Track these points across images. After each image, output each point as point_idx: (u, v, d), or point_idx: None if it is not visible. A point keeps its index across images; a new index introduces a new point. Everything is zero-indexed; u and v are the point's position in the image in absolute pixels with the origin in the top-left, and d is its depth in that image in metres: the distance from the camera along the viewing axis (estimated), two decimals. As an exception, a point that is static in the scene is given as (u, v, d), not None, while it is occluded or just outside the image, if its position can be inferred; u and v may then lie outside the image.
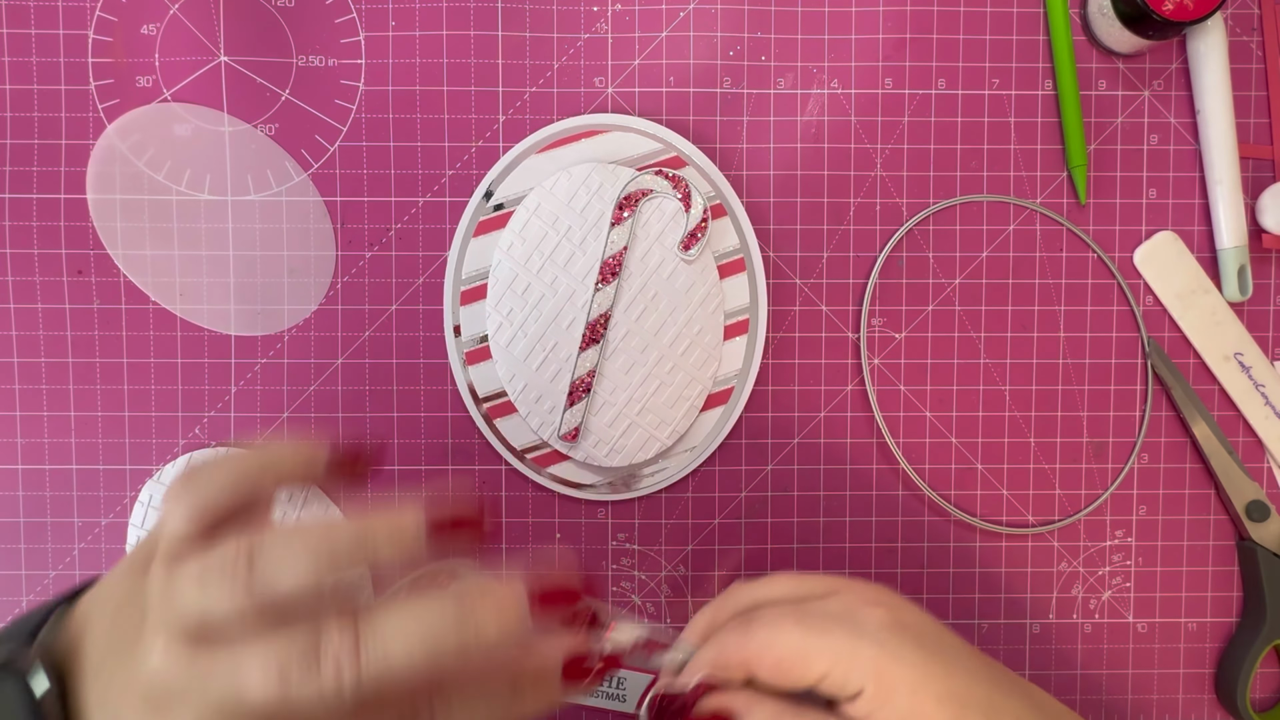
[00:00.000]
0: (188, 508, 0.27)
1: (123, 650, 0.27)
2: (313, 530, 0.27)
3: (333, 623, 0.25)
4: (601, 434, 0.45)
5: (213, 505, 0.27)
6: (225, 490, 0.28)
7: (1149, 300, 0.47)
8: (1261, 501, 0.46)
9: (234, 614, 0.25)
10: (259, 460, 0.29)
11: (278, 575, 0.26)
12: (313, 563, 0.26)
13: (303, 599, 0.26)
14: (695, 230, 0.44)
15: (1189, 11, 0.42)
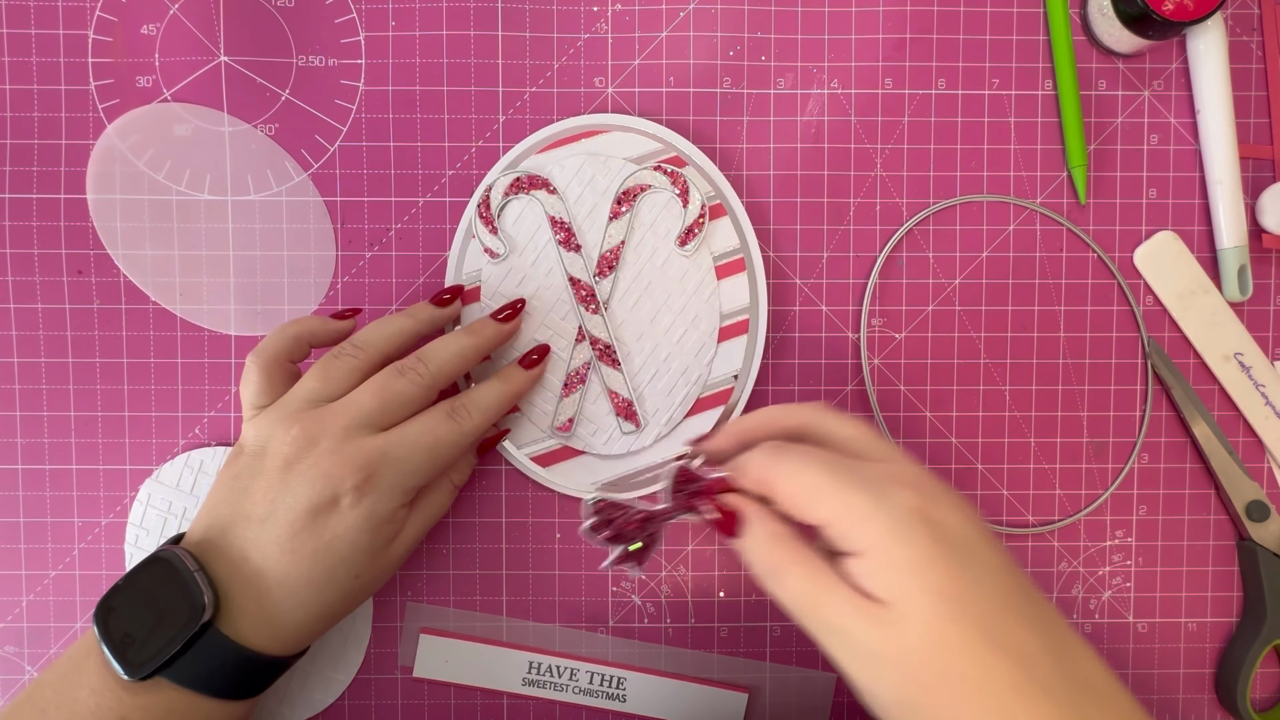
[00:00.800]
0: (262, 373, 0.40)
1: (275, 487, 0.37)
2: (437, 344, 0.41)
3: (456, 399, 0.41)
4: (600, 422, 0.45)
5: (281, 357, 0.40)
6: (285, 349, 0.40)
7: (1149, 300, 0.47)
8: (1261, 501, 0.46)
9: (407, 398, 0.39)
10: (300, 328, 0.41)
11: (443, 368, 0.40)
12: (459, 358, 0.41)
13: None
14: (693, 226, 0.44)
15: (1189, 11, 0.42)
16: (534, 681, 0.46)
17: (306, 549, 0.37)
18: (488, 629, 0.47)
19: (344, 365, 0.39)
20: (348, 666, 0.46)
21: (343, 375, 0.39)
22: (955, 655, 0.29)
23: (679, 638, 0.47)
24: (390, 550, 0.39)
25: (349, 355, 0.39)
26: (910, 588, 0.30)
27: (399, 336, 0.41)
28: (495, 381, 0.42)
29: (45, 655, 0.46)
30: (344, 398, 0.38)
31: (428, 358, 0.40)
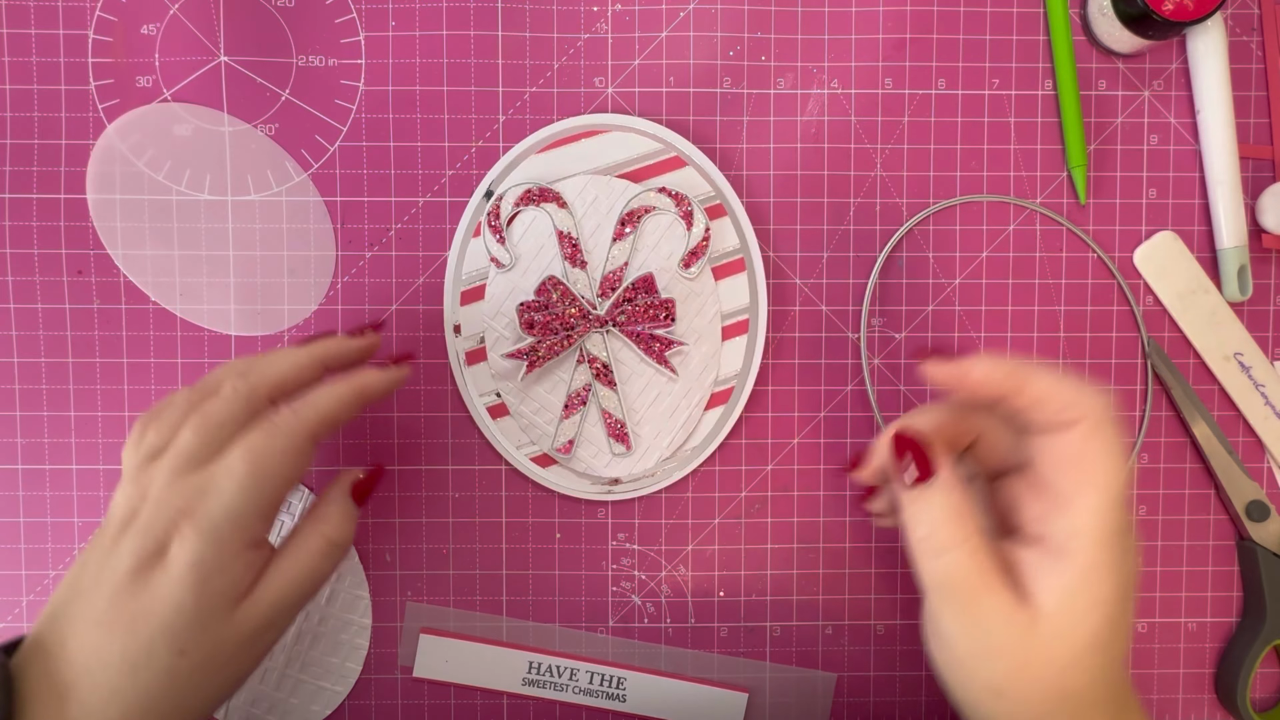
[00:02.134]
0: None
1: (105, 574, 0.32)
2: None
3: (278, 407, 0.35)
4: (600, 444, 0.45)
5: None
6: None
7: (1149, 300, 0.47)
8: (1261, 501, 0.46)
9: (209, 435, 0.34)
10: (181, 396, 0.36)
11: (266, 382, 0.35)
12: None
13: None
14: (696, 248, 0.44)
15: (1189, 11, 0.42)
16: (534, 681, 0.46)
17: (123, 619, 0.31)
18: (488, 629, 0.47)
19: (176, 410, 0.34)
20: (345, 679, 0.46)
21: (176, 420, 0.34)
22: (1079, 686, 0.30)
23: (679, 638, 0.47)
24: (231, 617, 0.33)
25: (182, 397, 0.35)
26: (1082, 609, 0.30)
27: (241, 367, 0.36)
28: (339, 380, 0.36)
29: (45, 655, 0.46)
30: (171, 443, 0.33)
31: (248, 371, 0.35)
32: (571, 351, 0.45)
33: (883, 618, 0.47)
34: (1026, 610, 0.30)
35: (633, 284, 0.44)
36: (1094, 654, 0.30)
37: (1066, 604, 0.30)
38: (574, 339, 0.44)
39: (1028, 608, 0.30)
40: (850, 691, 0.47)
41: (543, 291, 0.44)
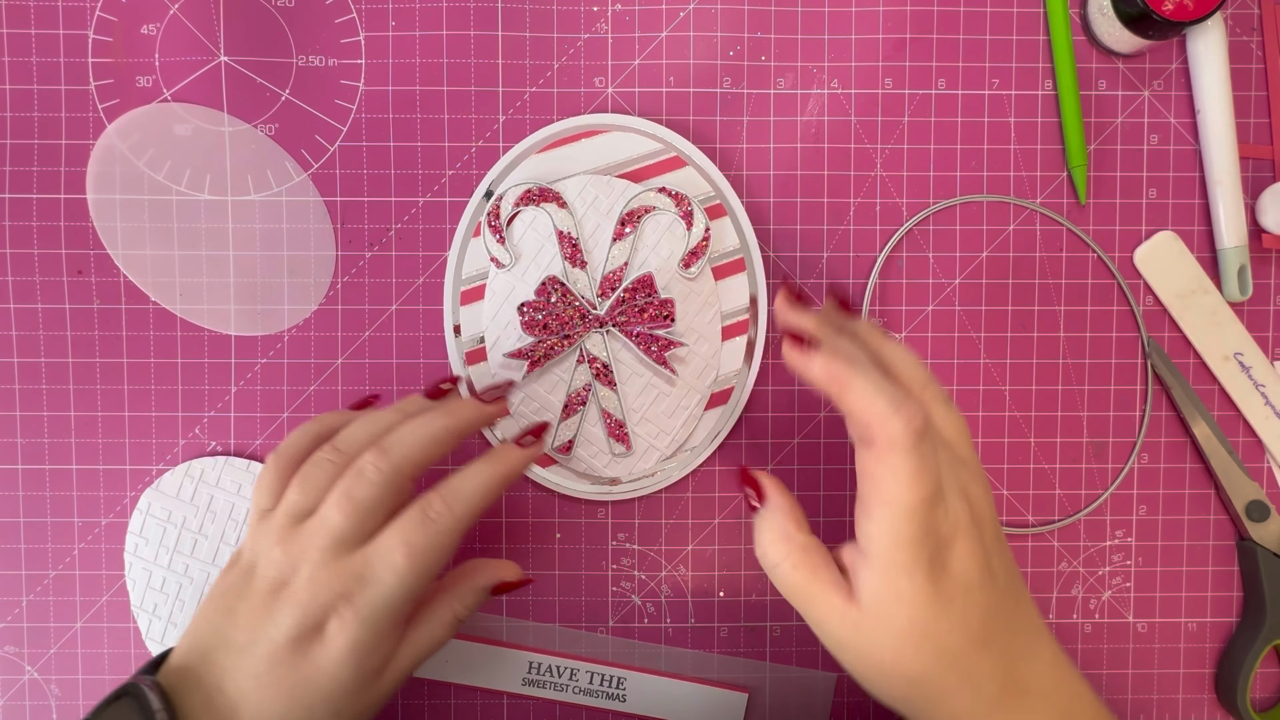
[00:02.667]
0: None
1: (253, 620, 0.34)
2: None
3: (428, 495, 0.36)
4: (600, 444, 0.45)
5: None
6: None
7: (1149, 300, 0.47)
8: (1261, 501, 0.46)
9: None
10: (320, 426, 0.39)
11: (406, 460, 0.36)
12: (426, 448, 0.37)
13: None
14: (696, 248, 0.44)
15: (1189, 11, 0.42)
16: (534, 681, 0.46)
17: (285, 684, 0.34)
18: (488, 629, 0.47)
19: (321, 473, 0.36)
20: None
21: (322, 484, 0.36)
22: (917, 670, 0.33)
23: (679, 638, 0.47)
24: (377, 684, 0.36)
25: (327, 460, 0.36)
26: (889, 605, 0.33)
27: (385, 431, 0.37)
28: (481, 463, 0.37)
29: (45, 655, 0.46)
30: (315, 515, 0.35)
31: (390, 447, 0.36)
32: (571, 351, 0.45)
33: (883, 618, 0.47)
34: (855, 606, 0.33)
35: (632, 284, 0.44)
36: (918, 642, 0.32)
37: (876, 600, 0.33)
38: (574, 339, 0.44)
39: (855, 604, 0.33)
40: (850, 691, 0.47)
41: (543, 292, 0.44)
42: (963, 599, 0.33)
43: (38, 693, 0.46)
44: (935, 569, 0.32)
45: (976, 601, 0.33)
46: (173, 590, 0.45)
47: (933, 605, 0.32)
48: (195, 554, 0.45)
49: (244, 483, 0.46)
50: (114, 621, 0.46)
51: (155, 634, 0.45)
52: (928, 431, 0.32)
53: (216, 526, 0.45)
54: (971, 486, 0.34)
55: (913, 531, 0.32)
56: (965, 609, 0.33)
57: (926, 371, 0.36)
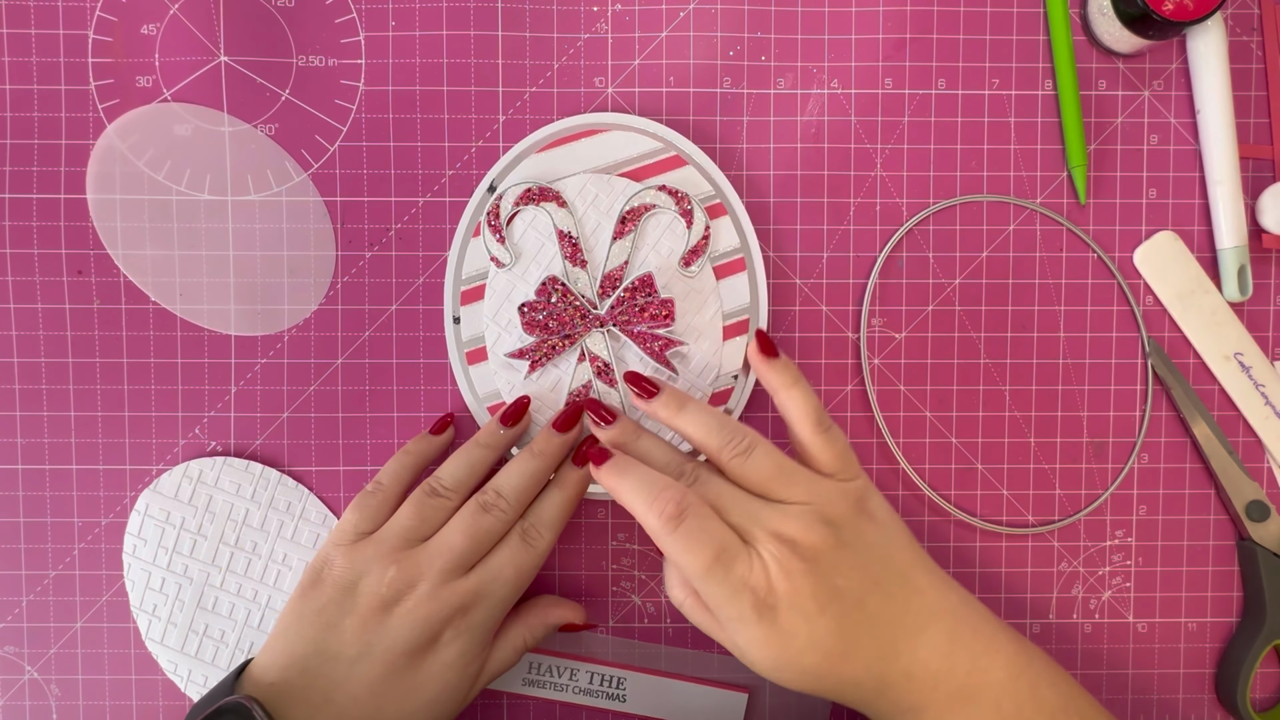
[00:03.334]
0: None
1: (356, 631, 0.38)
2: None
3: (522, 522, 0.41)
4: None
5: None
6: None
7: (1149, 300, 0.47)
8: (1261, 501, 0.46)
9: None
10: (413, 457, 0.44)
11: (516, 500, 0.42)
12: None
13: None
14: (697, 247, 0.44)
15: (1189, 11, 0.42)
16: (534, 681, 0.46)
17: (397, 690, 0.38)
18: (488, 629, 0.47)
19: (439, 505, 0.41)
20: None
21: (439, 516, 0.41)
22: (799, 686, 0.37)
23: (679, 638, 0.47)
24: (469, 691, 0.41)
25: (444, 497, 0.41)
26: (751, 652, 0.37)
27: (483, 469, 0.42)
28: (555, 491, 0.42)
29: (45, 655, 0.46)
30: (436, 538, 0.40)
31: (505, 490, 0.41)
32: (573, 350, 0.45)
33: (883, 618, 0.47)
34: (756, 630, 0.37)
35: (632, 283, 0.44)
36: (783, 670, 0.36)
37: (737, 646, 0.38)
38: (575, 339, 0.44)
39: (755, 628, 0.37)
40: (850, 691, 0.47)
41: (543, 292, 0.44)
42: (805, 627, 0.36)
43: (38, 693, 0.46)
44: (764, 614, 0.36)
45: (822, 624, 0.36)
46: (172, 591, 0.45)
47: (775, 643, 0.36)
48: (195, 555, 0.45)
49: (242, 483, 0.46)
50: (114, 621, 0.46)
51: (155, 634, 0.45)
52: (691, 510, 0.36)
53: (215, 527, 0.45)
54: (790, 520, 0.37)
55: (719, 594, 0.36)
56: (810, 634, 0.36)
57: (727, 429, 0.39)
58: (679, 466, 0.40)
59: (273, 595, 0.45)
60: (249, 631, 0.45)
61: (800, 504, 0.37)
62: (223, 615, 0.45)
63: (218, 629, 0.45)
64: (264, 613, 0.45)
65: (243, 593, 0.45)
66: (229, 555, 0.45)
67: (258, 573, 0.45)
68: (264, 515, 0.45)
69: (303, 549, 0.46)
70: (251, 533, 0.45)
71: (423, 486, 0.41)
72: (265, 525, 0.45)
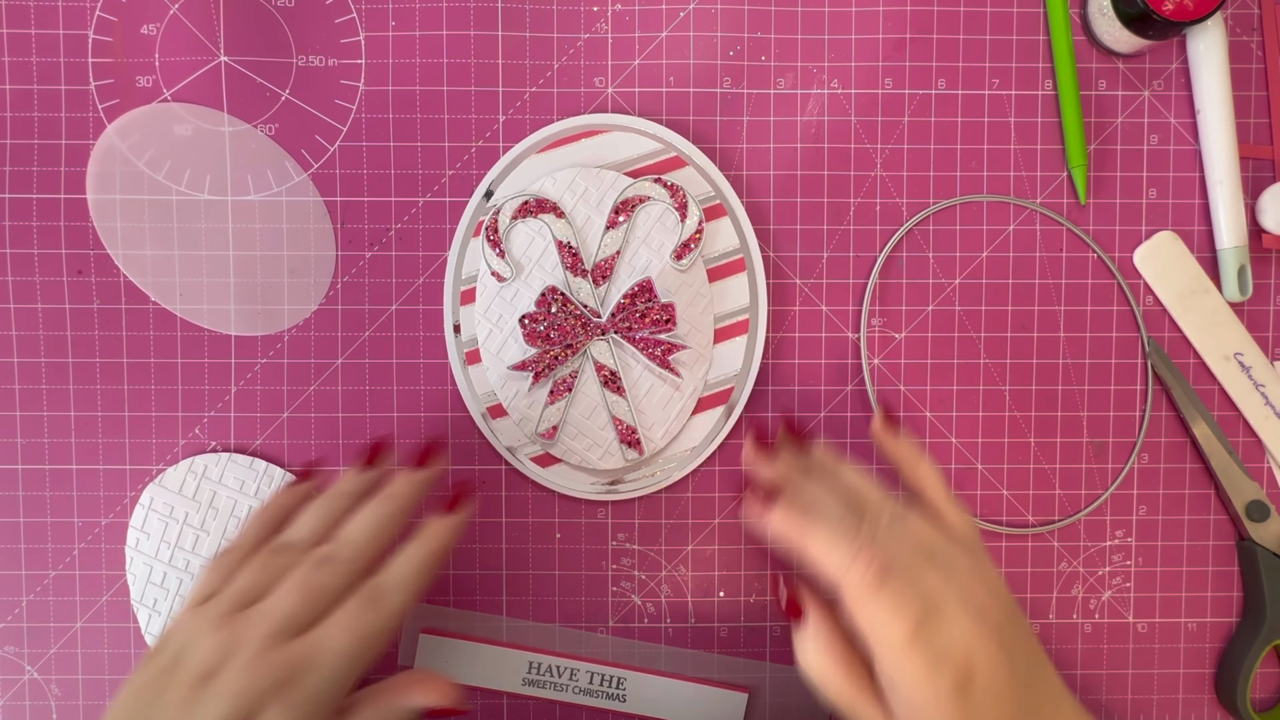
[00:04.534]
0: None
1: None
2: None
3: (372, 581, 0.36)
4: (594, 436, 0.45)
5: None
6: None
7: (1149, 300, 0.47)
8: (1261, 501, 0.46)
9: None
10: (269, 513, 0.39)
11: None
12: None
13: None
14: (689, 240, 0.44)
15: (1189, 11, 0.42)
16: (534, 681, 0.46)
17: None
18: (488, 629, 0.47)
19: (283, 564, 0.36)
20: None
21: (273, 574, 0.35)
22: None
23: (679, 638, 0.47)
24: None
25: (280, 554, 0.36)
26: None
27: (337, 519, 0.38)
28: (413, 545, 0.37)
29: (45, 655, 0.46)
30: (266, 599, 0.34)
31: (348, 543, 0.36)
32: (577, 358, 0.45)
33: (883, 618, 0.47)
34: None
35: (632, 289, 0.44)
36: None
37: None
38: (577, 348, 0.44)
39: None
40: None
41: (543, 303, 0.44)
42: (992, 706, 0.33)
43: (38, 693, 0.46)
44: (959, 690, 0.33)
45: (1005, 700, 0.33)
46: (173, 585, 0.45)
47: (944, 702, 0.33)
48: (196, 550, 0.45)
49: (246, 479, 0.46)
50: (114, 621, 0.46)
51: (154, 629, 0.45)
52: (891, 566, 0.34)
53: (219, 523, 0.45)
54: (975, 584, 0.35)
55: (918, 667, 0.33)
56: (994, 713, 0.33)
57: (884, 490, 0.38)
58: (858, 514, 0.37)
59: None
60: None
61: (969, 572, 0.35)
62: (223, 615, 0.45)
63: None
64: None
65: (243, 592, 0.45)
66: None
67: None
68: None
69: None
70: None
71: (271, 543, 0.37)
72: None
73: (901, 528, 0.36)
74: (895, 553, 0.35)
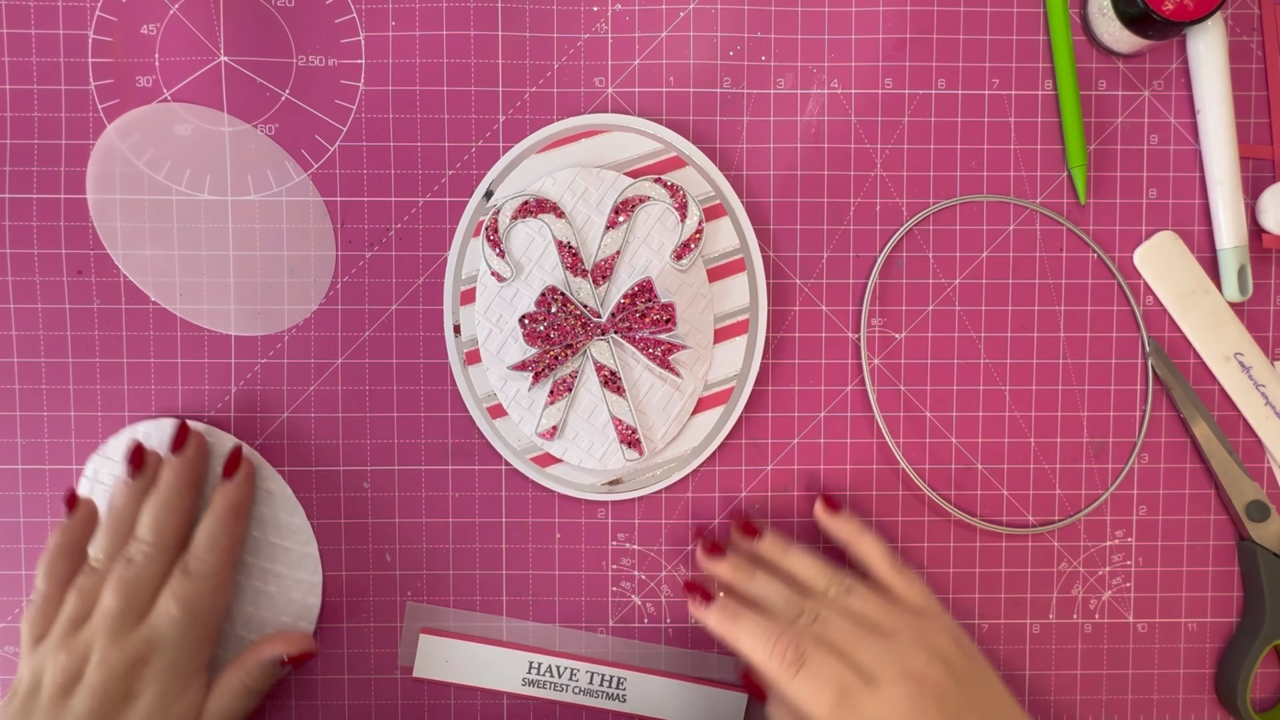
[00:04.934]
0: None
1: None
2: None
3: (183, 556, 0.42)
4: (595, 436, 0.45)
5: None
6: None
7: (1149, 300, 0.47)
8: (1261, 501, 0.46)
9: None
10: (56, 552, 0.42)
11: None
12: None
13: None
14: (689, 240, 0.44)
15: (1189, 11, 0.42)
16: (534, 681, 0.46)
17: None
18: (488, 629, 0.47)
19: (97, 582, 0.40)
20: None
21: (94, 589, 0.40)
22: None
23: (679, 638, 0.47)
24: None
25: (94, 569, 0.41)
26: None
27: (127, 530, 0.42)
28: (207, 516, 0.42)
29: (45, 655, 0.46)
30: (95, 610, 0.40)
31: (142, 533, 0.41)
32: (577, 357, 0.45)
33: (883, 618, 0.47)
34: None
35: (632, 289, 0.44)
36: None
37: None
38: (577, 348, 0.44)
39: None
40: (850, 691, 0.47)
41: (543, 303, 0.44)
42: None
43: (38, 693, 0.46)
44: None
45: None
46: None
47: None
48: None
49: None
50: (114, 621, 0.46)
51: None
52: (810, 653, 0.37)
53: None
54: (918, 650, 0.38)
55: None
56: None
57: (829, 571, 0.42)
58: (798, 606, 0.40)
59: None
60: None
61: (912, 640, 0.38)
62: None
63: None
64: None
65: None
66: None
67: None
68: (209, 475, 0.45)
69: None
70: None
71: (81, 570, 0.41)
72: (212, 485, 0.45)
73: (846, 602, 0.40)
74: (831, 631, 0.38)
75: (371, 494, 0.46)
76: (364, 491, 0.46)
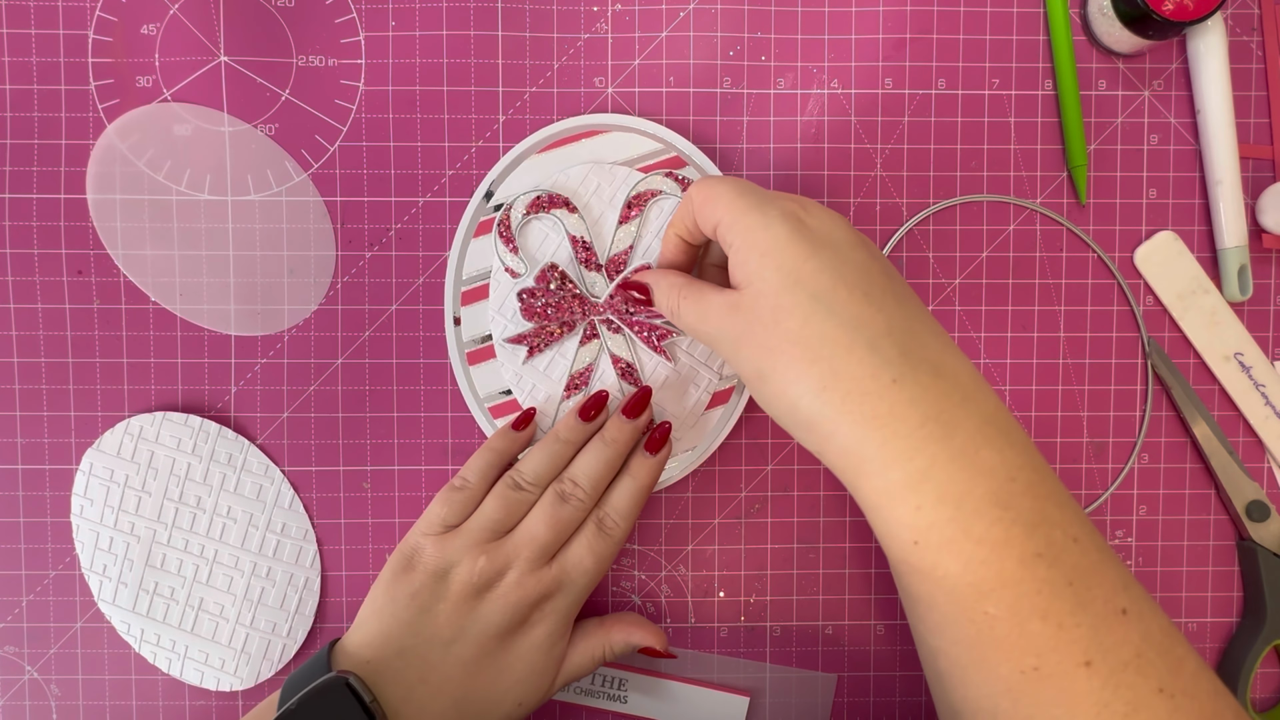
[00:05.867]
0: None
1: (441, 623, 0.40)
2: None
3: (597, 510, 0.43)
4: None
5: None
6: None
7: (1149, 300, 0.47)
8: (1261, 501, 0.46)
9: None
10: (494, 454, 0.44)
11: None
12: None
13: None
14: None
15: (1189, 11, 0.42)
16: (534, 681, 0.46)
17: (489, 671, 0.40)
18: (488, 629, 0.46)
19: (522, 499, 0.42)
20: (294, 636, 0.46)
21: (522, 508, 0.42)
22: (792, 320, 0.34)
23: (679, 638, 0.47)
24: (552, 678, 0.42)
25: (527, 490, 0.42)
26: (761, 267, 0.35)
27: (562, 462, 0.43)
28: (627, 480, 0.43)
29: (45, 655, 0.46)
30: (520, 529, 0.41)
31: (581, 480, 0.42)
32: (574, 334, 0.45)
33: (883, 618, 0.47)
34: (734, 290, 0.36)
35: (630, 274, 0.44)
36: (792, 289, 0.34)
37: (747, 273, 0.35)
38: (573, 326, 0.44)
39: (735, 289, 0.36)
40: (850, 691, 0.47)
41: (542, 279, 0.44)
42: (830, 250, 0.34)
43: (38, 693, 0.46)
44: (793, 222, 0.35)
45: (847, 257, 0.35)
46: (121, 550, 0.45)
47: (796, 245, 0.34)
48: (140, 512, 0.45)
49: (182, 437, 0.45)
50: (114, 621, 0.46)
51: (106, 595, 0.45)
52: (712, 183, 0.37)
53: (159, 483, 0.45)
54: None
55: (749, 201, 0.35)
56: (835, 258, 0.34)
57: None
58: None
59: (219, 550, 0.45)
60: (199, 588, 0.45)
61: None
62: (171, 572, 0.45)
63: (168, 587, 0.45)
64: (212, 568, 0.45)
65: (190, 548, 0.45)
66: (174, 511, 0.45)
67: (203, 527, 0.45)
68: (205, 469, 0.45)
69: (245, 500, 0.45)
70: (195, 487, 0.45)
71: (505, 480, 0.42)
72: (208, 479, 0.45)
73: None
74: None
75: (371, 494, 0.46)
76: (364, 491, 0.46)
